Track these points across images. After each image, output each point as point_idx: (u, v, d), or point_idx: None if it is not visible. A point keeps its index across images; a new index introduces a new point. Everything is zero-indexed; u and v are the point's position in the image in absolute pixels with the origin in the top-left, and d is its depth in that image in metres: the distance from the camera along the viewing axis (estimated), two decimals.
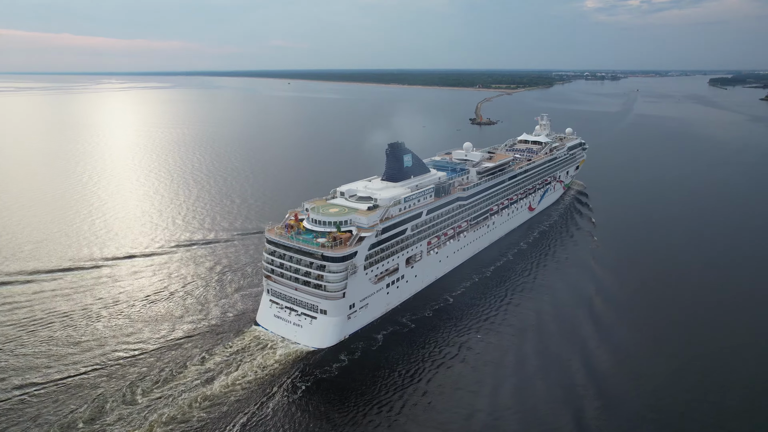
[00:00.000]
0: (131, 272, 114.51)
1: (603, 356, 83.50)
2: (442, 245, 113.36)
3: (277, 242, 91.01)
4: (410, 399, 73.02)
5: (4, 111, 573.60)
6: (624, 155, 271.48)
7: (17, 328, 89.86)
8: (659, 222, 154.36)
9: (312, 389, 74.91)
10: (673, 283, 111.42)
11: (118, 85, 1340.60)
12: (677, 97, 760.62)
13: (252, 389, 73.50)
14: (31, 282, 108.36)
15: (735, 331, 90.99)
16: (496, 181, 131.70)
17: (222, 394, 72.14)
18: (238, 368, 77.97)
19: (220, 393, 72.22)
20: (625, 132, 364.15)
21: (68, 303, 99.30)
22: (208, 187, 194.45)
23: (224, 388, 73.37)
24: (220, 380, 75.01)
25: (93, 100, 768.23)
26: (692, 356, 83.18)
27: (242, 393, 72.53)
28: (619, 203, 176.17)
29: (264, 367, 79.01)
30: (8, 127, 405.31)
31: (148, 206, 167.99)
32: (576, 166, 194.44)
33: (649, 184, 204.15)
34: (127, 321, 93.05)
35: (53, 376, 76.52)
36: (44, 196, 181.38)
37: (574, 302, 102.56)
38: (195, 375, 76.43)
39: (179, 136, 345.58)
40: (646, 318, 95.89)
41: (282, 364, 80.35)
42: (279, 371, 78.30)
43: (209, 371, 77.31)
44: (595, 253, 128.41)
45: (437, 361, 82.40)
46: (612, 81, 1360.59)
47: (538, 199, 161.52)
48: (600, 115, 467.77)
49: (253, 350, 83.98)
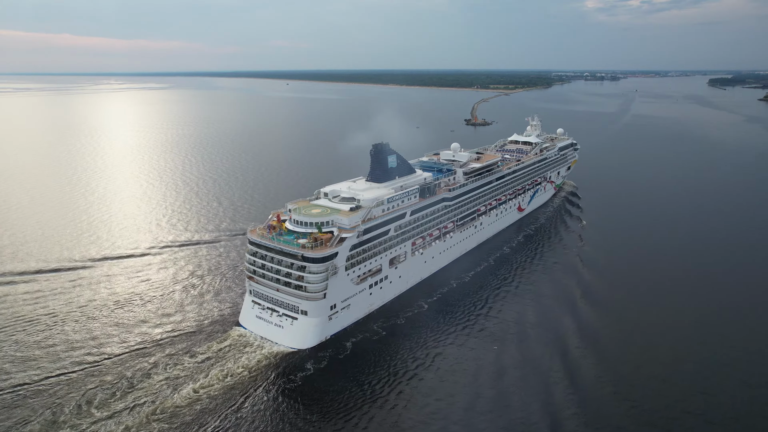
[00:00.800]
0: (108, 274, 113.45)
1: (586, 366, 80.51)
2: (428, 246, 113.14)
3: (259, 243, 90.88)
4: (381, 409, 71.57)
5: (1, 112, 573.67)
6: (618, 156, 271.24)
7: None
8: (650, 223, 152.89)
9: (287, 391, 74.47)
10: (662, 287, 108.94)
11: (116, 85, 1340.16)
12: (675, 97, 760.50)
13: (228, 391, 72.97)
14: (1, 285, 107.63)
15: (727, 338, 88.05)
16: (483, 181, 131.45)
17: (194, 396, 71.56)
18: (216, 370, 77.40)
19: (192, 395, 71.63)
20: (620, 132, 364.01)
21: (38, 306, 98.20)
22: (195, 188, 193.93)
23: (199, 390, 72.83)
24: (194, 383, 74.45)
25: (88, 101, 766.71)
26: (680, 364, 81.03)
27: (217, 394, 72.03)
28: (610, 204, 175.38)
29: (243, 368, 78.50)
30: (3, 127, 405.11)
31: (132, 208, 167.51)
32: (567, 167, 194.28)
33: (643, 185, 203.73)
34: (98, 325, 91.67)
35: (12, 381, 75.31)
36: (24, 198, 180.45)
37: (557, 308, 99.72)
38: (164, 379, 75.32)
39: (169, 137, 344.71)
40: (633, 324, 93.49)
41: (261, 365, 79.96)
42: (257, 373, 77.90)
43: (185, 373, 76.79)
44: (582, 255, 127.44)
45: (408, 372, 79.90)
46: (611, 81, 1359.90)
47: (527, 200, 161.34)
48: (596, 116, 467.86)
49: (233, 351, 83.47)
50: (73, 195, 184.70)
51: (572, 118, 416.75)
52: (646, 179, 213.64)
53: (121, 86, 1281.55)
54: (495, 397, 73.58)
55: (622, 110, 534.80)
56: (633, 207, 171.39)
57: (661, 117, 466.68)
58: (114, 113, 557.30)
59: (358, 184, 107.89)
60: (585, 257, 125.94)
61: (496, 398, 73.23)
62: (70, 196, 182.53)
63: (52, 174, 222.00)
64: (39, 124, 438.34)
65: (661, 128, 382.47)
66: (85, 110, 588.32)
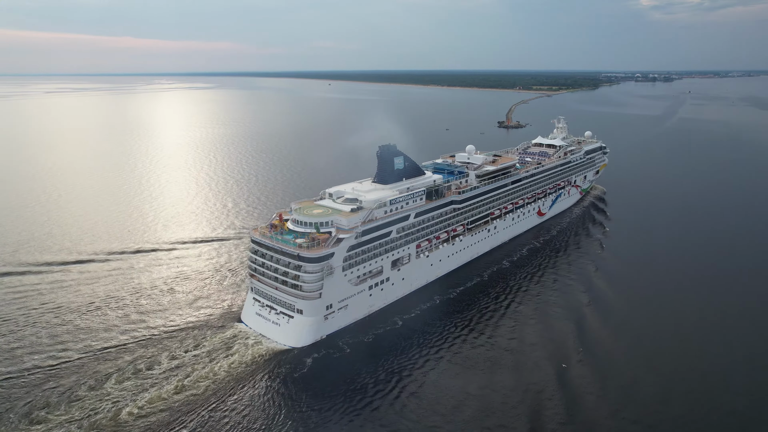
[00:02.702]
0: (134, 267, 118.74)
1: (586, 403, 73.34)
2: (435, 249, 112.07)
3: (260, 242, 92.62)
4: (363, 411, 71.51)
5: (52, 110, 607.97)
6: (654, 161, 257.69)
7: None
8: (681, 237, 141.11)
9: (276, 388, 75.62)
10: (686, 312, 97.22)
11: (166, 85, 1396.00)
12: (731, 99, 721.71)
13: (218, 384, 74.85)
14: (42, 273, 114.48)
15: (753, 368, 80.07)
16: (497, 184, 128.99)
17: (183, 387, 73.61)
18: (210, 364, 79.39)
19: (181, 389, 73.56)
20: (661, 136, 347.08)
21: (70, 294, 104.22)
22: (222, 186, 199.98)
23: (189, 382, 74.89)
24: (185, 375, 76.61)
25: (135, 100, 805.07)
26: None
27: (208, 387, 73.91)
28: (638, 212, 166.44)
29: (237, 363, 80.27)
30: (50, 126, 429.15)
31: (158, 204, 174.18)
32: (596, 171, 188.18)
33: (678, 193, 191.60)
34: (113, 315, 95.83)
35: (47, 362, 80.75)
36: (42, 195, 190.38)
37: (561, 326, 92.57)
38: (162, 371, 77.74)
39: (202, 136, 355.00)
40: (649, 356, 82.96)
41: (255, 361, 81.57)
42: (250, 367, 79.60)
43: (180, 367, 79.01)
44: (600, 266, 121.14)
45: (403, 377, 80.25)
46: (664, 82, 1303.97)
47: (549, 204, 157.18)
48: (638, 119, 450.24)
49: (230, 347, 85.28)
50: (108, 189, 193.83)
51: (611, 121, 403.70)
52: (683, 187, 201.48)
53: (171, 86, 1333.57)
54: (479, 407, 72.10)
55: (668, 113, 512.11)
56: (663, 216, 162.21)
57: (710, 120, 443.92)
58: (156, 112, 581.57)
59: (364, 185, 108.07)
60: (601, 266, 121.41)
61: (480, 408, 71.77)
62: (110, 190, 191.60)
63: (83, 171, 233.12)
64: (81, 122, 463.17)
65: (708, 132, 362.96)
66: (129, 109, 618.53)
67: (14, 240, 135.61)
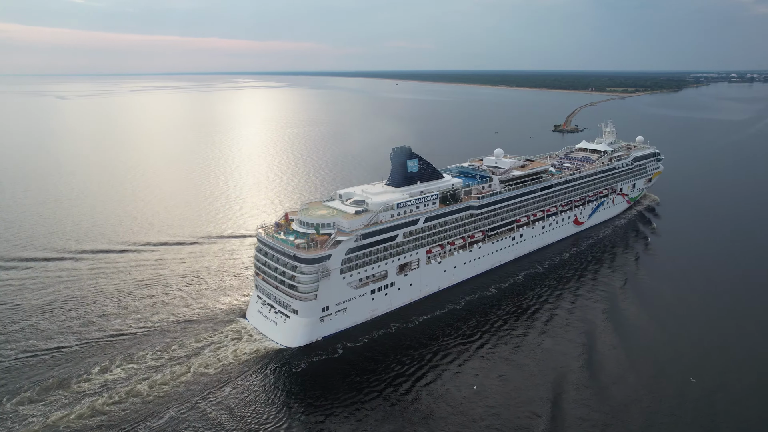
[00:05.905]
0: (162, 258, 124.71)
1: None
2: (447, 255, 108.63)
3: (263, 241, 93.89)
4: (348, 419, 70.77)
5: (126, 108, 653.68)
6: (723, 171, 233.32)
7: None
8: (734, 263, 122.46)
9: (267, 386, 76.58)
10: (730, 350, 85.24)
11: (241, 83, 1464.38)
12: None
13: (208, 378, 76.80)
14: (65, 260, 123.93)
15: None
16: (523, 190, 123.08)
17: (169, 381, 75.75)
18: (205, 357, 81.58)
19: (169, 379, 75.94)
20: (740, 144, 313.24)
21: (96, 282, 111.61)
22: (249, 182, 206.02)
23: (180, 373, 77.22)
24: (180, 365, 79.14)
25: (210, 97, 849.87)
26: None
27: (196, 381, 75.85)
28: (695, 227, 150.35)
29: (234, 359, 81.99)
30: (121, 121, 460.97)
31: (180, 199, 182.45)
32: (648, 179, 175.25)
33: (744, 211, 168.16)
34: (124, 304, 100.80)
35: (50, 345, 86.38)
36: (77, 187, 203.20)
37: (566, 359, 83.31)
38: (154, 361, 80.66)
39: (245, 135, 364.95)
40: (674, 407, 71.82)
41: (250, 357, 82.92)
42: (243, 363, 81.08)
43: (175, 358, 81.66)
44: (634, 285, 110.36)
45: (397, 385, 78.66)
46: (764, 83, 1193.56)
47: (588, 213, 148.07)
48: (718, 124, 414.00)
49: (227, 342, 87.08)
50: (153, 184, 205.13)
51: (682, 125, 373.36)
52: (752, 205, 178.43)
53: (246, 84, 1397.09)
54: None
55: (757, 118, 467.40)
56: (720, 231, 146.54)
57: None
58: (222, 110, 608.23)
59: (376, 187, 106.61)
60: (631, 283, 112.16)
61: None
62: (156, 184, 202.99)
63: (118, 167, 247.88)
64: (142, 118, 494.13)
65: None
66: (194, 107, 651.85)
67: (51, 230, 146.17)
